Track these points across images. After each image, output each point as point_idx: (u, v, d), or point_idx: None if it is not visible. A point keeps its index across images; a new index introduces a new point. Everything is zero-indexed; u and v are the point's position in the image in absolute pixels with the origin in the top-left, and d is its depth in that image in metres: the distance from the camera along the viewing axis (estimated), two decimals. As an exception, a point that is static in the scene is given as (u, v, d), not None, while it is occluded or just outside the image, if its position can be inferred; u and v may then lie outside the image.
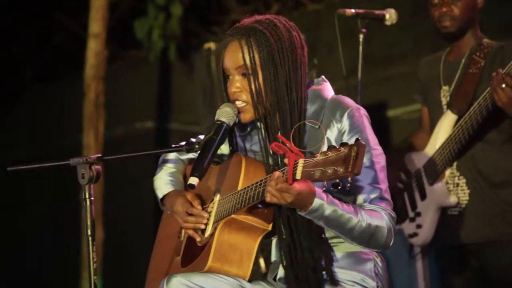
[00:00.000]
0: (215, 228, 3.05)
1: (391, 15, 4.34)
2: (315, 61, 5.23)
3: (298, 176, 2.71)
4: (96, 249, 2.94)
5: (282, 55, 3.00)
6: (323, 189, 2.73)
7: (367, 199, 2.95)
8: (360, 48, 4.32)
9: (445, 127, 4.20)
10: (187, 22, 8.01)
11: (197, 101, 6.50)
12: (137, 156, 3.06)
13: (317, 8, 7.27)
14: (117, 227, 7.55)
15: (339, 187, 2.65)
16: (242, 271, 3.01)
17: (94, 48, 7.10)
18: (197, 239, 3.12)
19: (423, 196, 4.30)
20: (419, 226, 4.32)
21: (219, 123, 3.00)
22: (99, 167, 2.96)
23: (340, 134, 2.99)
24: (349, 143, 2.66)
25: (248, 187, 2.96)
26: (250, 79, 3.00)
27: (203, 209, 3.15)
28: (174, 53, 7.77)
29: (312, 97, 3.05)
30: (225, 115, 3.02)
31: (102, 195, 6.84)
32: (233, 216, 2.99)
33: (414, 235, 4.34)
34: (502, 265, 4.11)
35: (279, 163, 2.99)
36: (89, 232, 2.93)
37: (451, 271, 4.30)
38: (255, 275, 3.10)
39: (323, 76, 3.15)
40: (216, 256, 2.99)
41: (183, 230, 3.28)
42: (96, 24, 7.10)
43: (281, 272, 3.04)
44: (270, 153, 3.03)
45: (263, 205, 2.98)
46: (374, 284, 2.99)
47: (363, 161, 2.88)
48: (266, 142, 3.04)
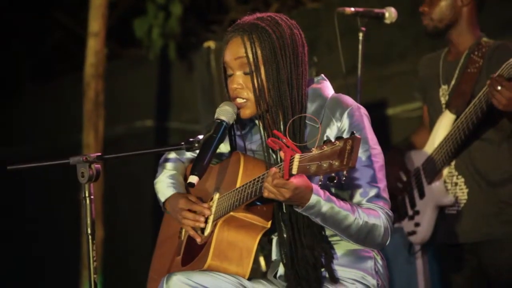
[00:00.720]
0: (214, 226, 3.05)
1: (390, 13, 4.34)
2: (314, 59, 5.23)
3: (295, 171, 2.71)
4: (96, 248, 2.94)
5: (284, 52, 3.00)
6: (319, 183, 2.73)
7: (365, 198, 2.95)
8: (360, 46, 4.32)
9: (444, 126, 4.20)
10: (187, 21, 8.00)
11: (196, 99, 6.50)
12: (137, 155, 3.07)
13: (316, 6, 7.25)
14: (117, 226, 7.55)
15: (334, 181, 2.64)
16: (241, 269, 3.00)
17: (94, 47, 7.09)
18: (197, 239, 3.12)
19: (421, 195, 4.31)
20: (417, 224, 4.32)
21: (219, 121, 3.01)
22: (99, 165, 2.96)
23: (340, 133, 2.98)
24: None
25: (246, 184, 2.95)
26: (253, 76, 3.00)
27: (203, 207, 3.15)
28: (173, 52, 7.75)
29: (312, 95, 3.05)
30: (224, 113, 3.02)
31: (102, 193, 6.83)
32: (232, 214, 2.99)
33: (413, 233, 4.35)
34: (500, 263, 4.11)
35: (279, 161, 2.99)
36: (89, 231, 2.93)
37: (451, 269, 4.30)
38: (255, 273, 3.10)
39: (322, 75, 3.15)
40: (215, 254, 2.99)
41: (183, 230, 3.28)
42: (96, 23, 7.09)
43: (281, 269, 3.04)
44: (270, 150, 3.03)
45: (262, 202, 2.98)
46: (374, 282, 2.99)
47: (363, 160, 2.88)
48: (266, 139, 3.03)
